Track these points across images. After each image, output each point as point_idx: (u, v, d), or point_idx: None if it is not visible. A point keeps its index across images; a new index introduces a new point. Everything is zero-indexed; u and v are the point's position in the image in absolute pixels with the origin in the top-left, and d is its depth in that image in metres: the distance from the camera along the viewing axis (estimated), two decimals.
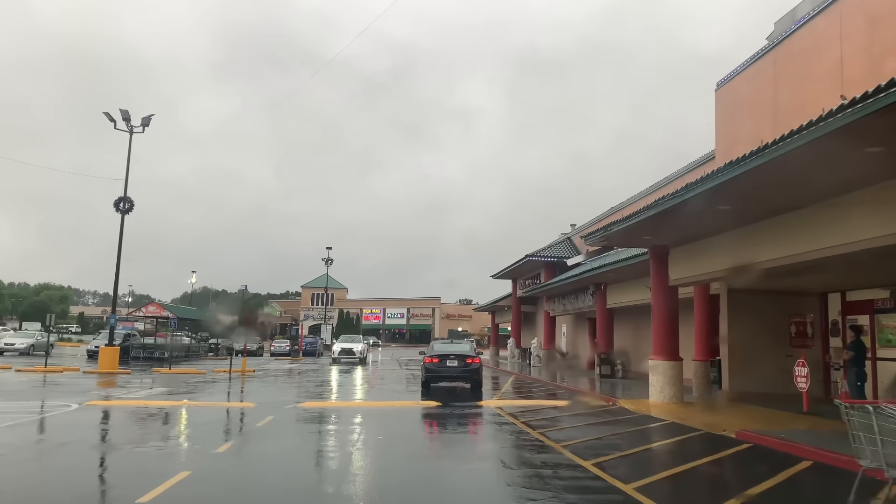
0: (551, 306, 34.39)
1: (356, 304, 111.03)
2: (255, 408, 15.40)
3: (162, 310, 43.24)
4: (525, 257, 35.18)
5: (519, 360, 42.78)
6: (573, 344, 35.44)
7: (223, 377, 25.73)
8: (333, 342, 47.66)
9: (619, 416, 14.08)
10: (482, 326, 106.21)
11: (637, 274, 22.21)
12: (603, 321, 26.81)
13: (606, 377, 25.66)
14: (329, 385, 22.83)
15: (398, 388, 21.79)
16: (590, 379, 25.62)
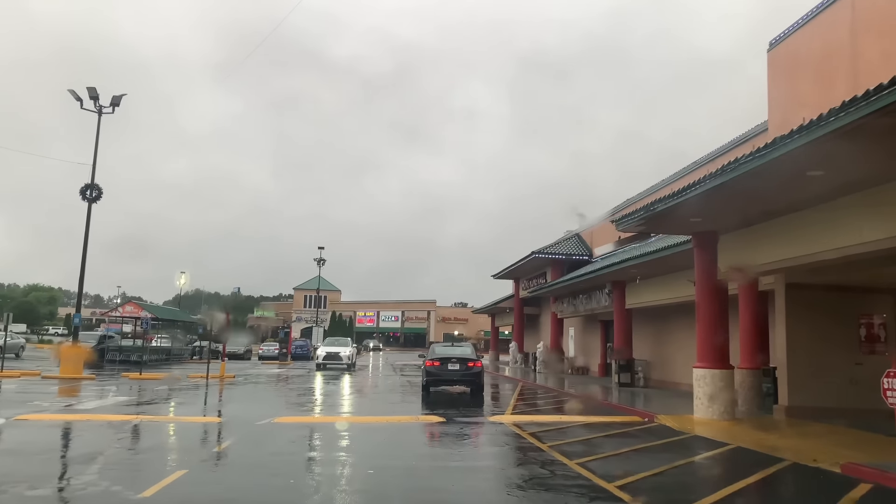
0: (559, 307, 31.71)
1: (350, 307, 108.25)
2: (220, 424, 12.66)
3: (140, 309, 40.37)
4: (531, 254, 32.52)
5: (521, 366, 40.08)
6: (582, 348, 32.75)
7: (198, 384, 22.98)
8: (318, 345, 43.77)
9: (666, 439, 11.37)
10: (479, 330, 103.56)
11: (665, 269, 19.56)
12: (621, 323, 24.13)
13: (626, 386, 22.96)
14: (313, 394, 20.08)
15: (393, 399, 19.05)
16: (606, 388, 22.94)
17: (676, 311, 22.50)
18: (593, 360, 31.24)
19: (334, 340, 38.65)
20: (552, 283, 29.88)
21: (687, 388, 21.19)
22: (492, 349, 53.20)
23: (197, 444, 10.58)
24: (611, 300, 24.80)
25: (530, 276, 38.76)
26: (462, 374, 19.13)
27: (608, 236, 30.69)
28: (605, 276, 23.47)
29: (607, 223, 30.82)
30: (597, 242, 32.43)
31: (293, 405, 16.60)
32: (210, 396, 18.63)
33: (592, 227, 33.07)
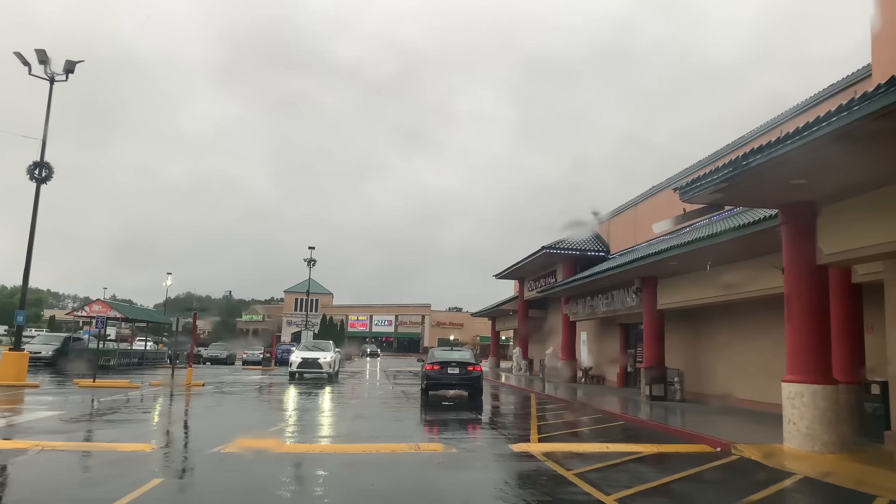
0: (572, 309, 28.32)
1: (342, 311, 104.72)
2: (152, 454, 9.20)
3: (108, 308, 36.79)
4: (541, 249, 29.16)
5: (526, 373, 36.64)
6: (597, 355, 29.36)
7: (158, 393, 19.56)
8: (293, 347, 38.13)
9: (770, 486, 7.97)
10: (474, 335, 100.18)
11: (716, 260, 16.22)
12: (652, 326, 20.76)
13: (659, 399, 19.60)
14: (288, 409, 16.61)
15: (385, 415, 15.62)
16: (636, 401, 19.59)
17: (718, 312, 19.21)
18: (610, 367, 27.85)
19: (312, 343, 31.82)
20: (567, 281, 26.51)
21: (737, 403, 17.95)
22: (492, 355, 49.74)
23: (107, 487, 7.13)
24: (638, 300, 21.44)
25: (537, 275, 35.39)
26: (461, 378, 19.51)
27: (627, 230, 27.34)
28: (631, 270, 20.10)
29: (627, 215, 27.49)
30: (615, 238, 29.08)
31: (259, 425, 13.13)
32: (164, 410, 15.18)
33: (609, 220, 29.74)
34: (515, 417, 16.33)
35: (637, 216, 26.34)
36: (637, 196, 26.29)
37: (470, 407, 18.01)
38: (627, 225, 27.25)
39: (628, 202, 27.30)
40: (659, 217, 24.03)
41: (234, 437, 10.62)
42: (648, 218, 24.93)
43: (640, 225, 25.92)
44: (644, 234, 25.02)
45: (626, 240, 27.24)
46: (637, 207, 26.45)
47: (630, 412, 16.48)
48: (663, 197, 24.06)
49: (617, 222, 28.92)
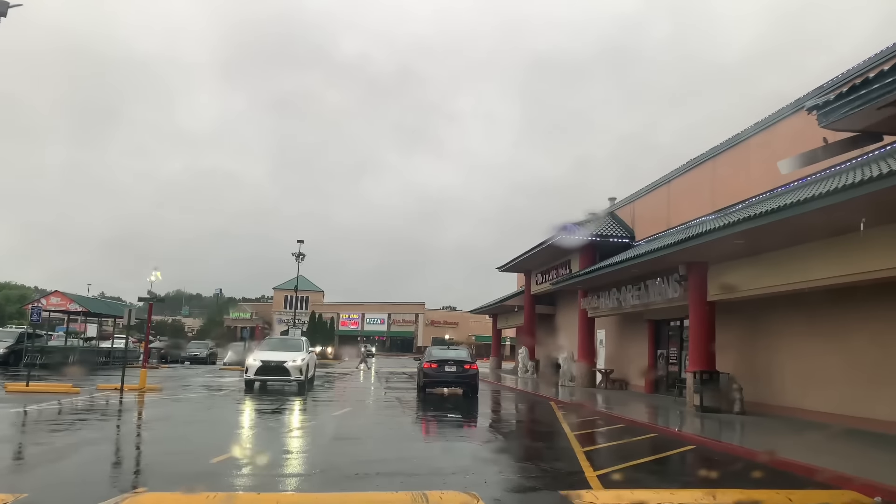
0: (592, 303, 24.69)
1: (333, 308, 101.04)
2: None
3: (68, 301, 32.93)
4: (556, 235, 25.48)
5: (533, 375, 33.02)
6: (619, 356, 25.76)
7: (96, 401, 15.83)
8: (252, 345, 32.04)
9: None
10: (469, 335, 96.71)
11: (803, 234, 12.65)
12: (702, 322, 17.17)
13: (712, 411, 16.00)
14: (245, 427, 12.87)
15: (375, 434, 11.90)
16: (683, 414, 16.03)
17: (785, 304, 15.67)
18: (635, 371, 24.25)
19: (279, 342, 23.88)
20: (589, 270, 22.79)
21: (812, 416, 14.38)
22: (493, 354, 46.04)
23: None
24: (682, 290, 17.85)
25: (546, 267, 31.75)
26: (457, 376, 19.92)
27: (658, 212, 23.73)
28: (676, 254, 16.48)
29: (658, 195, 23.86)
30: (641, 222, 25.45)
31: (198, 456, 9.36)
32: (82, 430, 11.45)
33: (633, 202, 26.12)
34: (546, 438, 12.68)
35: (671, 195, 22.73)
36: (671, 172, 22.68)
37: (480, 418, 14.45)
38: (658, 206, 23.63)
39: (659, 180, 23.69)
40: (701, 194, 20.45)
41: (150, 478, 6.90)
42: (687, 196, 21.37)
43: (675, 205, 22.32)
44: (681, 215, 21.41)
45: (656, 223, 23.60)
46: (671, 185, 22.83)
47: (694, 431, 12.85)
48: (706, 170, 20.47)
49: (644, 205, 25.29)
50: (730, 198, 18.43)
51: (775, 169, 17.01)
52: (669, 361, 22.07)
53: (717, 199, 19.35)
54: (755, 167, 17.66)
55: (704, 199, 20.12)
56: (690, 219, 20.39)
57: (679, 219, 21.44)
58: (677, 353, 21.57)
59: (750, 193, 17.46)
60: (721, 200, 18.96)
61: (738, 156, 18.63)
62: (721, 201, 18.93)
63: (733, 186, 18.61)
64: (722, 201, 18.87)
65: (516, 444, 11.56)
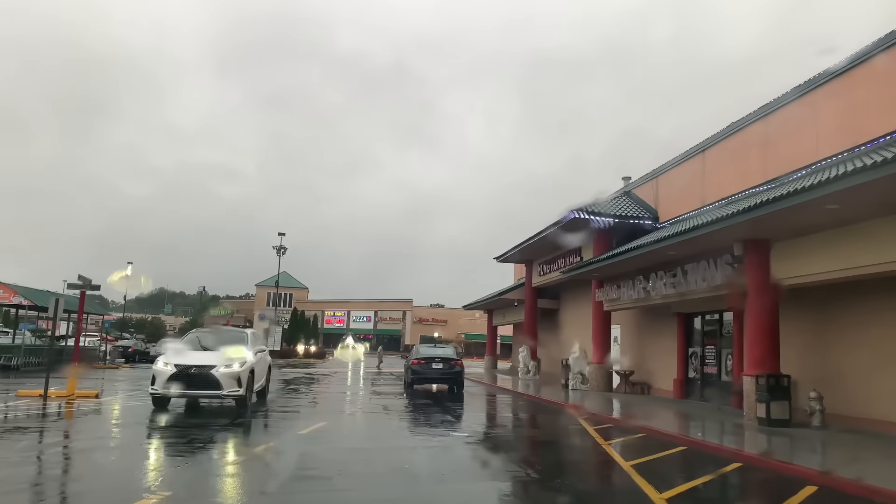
0: (610, 294, 21.32)
1: (317, 306, 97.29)
2: None
3: (12, 293, 29.09)
4: (569, 215, 22.02)
5: (535, 377, 29.68)
6: (640, 355, 22.43)
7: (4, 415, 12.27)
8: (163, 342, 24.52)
9: None
10: (459, 332, 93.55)
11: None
12: (762, 313, 13.84)
13: (781, 424, 12.69)
14: (149, 463, 9.29)
15: (353, 472, 8.40)
16: (743, 427, 12.70)
17: (872, 291, 12.41)
18: (661, 372, 20.95)
19: (209, 336, 15.62)
20: (614, 254, 19.18)
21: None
22: (488, 354, 42.57)
23: None
24: (737, 273, 14.51)
25: (551, 255, 28.37)
26: (444, 373, 20.59)
27: (688, 188, 20.39)
28: (733, 228, 13.12)
29: (689, 168, 20.53)
30: (666, 201, 22.08)
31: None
32: None
33: (656, 178, 22.72)
34: (600, 472, 9.24)
35: (708, 166, 19.38)
36: (706, 139, 19.32)
37: (495, 437, 11.05)
38: (690, 180, 20.29)
39: (691, 150, 20.32)
40: (748, 162, 17.13)
41: None
42: (730, 166, 18.04)
43: (713, 177, 18.97)
44: (721, 188, 18.07)
45: (686, 200, 20.24)
46: (707, 155, 19.49)
47: (784, 456, 9.44)
48: (754, 134, 17.14)
49: (670, 181, 21.92)
50: (789, 163, 15.12)
51: (853, 122, 13.78)
52: (705, 362, 18.77)
53: (770, 167, 16.02)
54: (826, 122, 14.37)
55: (753, 168, 16.80)
56: (735, 192, 17.06)
57: (718, 193, 18.10)
58: (715, 351, 18.27)
59: (819, 156, 14.17)
60: (776, 167, 15.64)
61: (799, 112, 15.30)
62: (776, 168, 15.61)
63: (793, 150, 15.29)
64: (777, 168, 15.55)
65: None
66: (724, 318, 17.92)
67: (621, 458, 9.41)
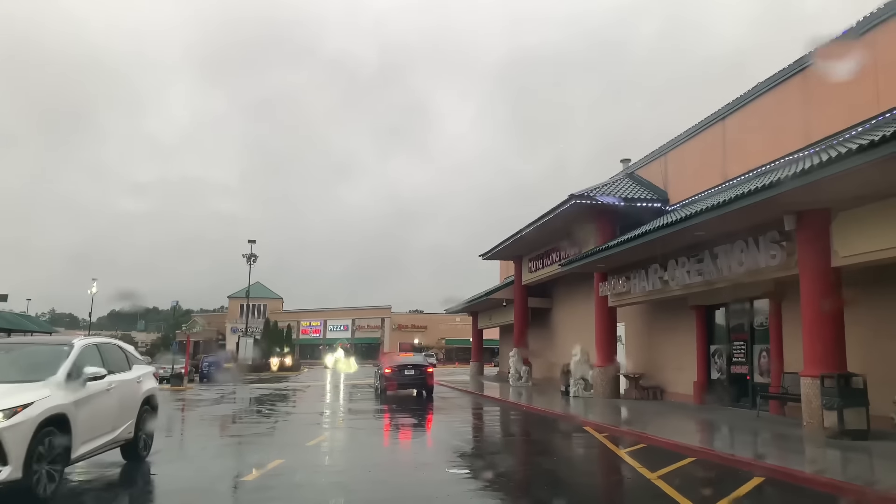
0: (618, 287, 18.66)
1: (293, 316, 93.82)
2: None
3: None
4: (569, 200, 19.31)
5: (528, 383, 27.00)
6: (646, 358, 19.83)
7: None
8: None
9: None
10: (439, 338, 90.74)
11: None
12: (823, 299, 11.20)
13: (860, 437, 10.07)
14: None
15: None
16: (820, 443, 10.06)
17: None
18: (676, 375, 18.35)
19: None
20: (629, 238, 16.21)
21: None
22: (474, 359, 39.69)
23: None
24: (784, 254, 11.93)
25: (544, 249, 25.71)
26: (414, 378, 22.30)
27: (705, 163, 17.85)
28: (781, 197, 10.50)
29: (705, 140, 18.01)
30: (677, 180, 19.49)
31: None
32: None
33: (665, 155, 20.14)
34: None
35: (728, 135, 16.84)
36: (726, 106, 16.78)
37: (511, 475, 8.28)
38: (707, 154, 17.75)
39: (707, 119, 17.79)
40: (782, 126, 14.59)
41: None
42: (757, 133, 15.51)
43: (737, 147, 16.42)
44: (747, 159, 15.51)
45: (702, 177, 17.65)
46: (726, 123, 16.94)
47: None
48: (789, 94, 14.60)
49: (682, 157, 19.36)
50: (839, 120, 12.62)
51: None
52: (732, 361, 16.17)
53: (814, 128, 13.50)
54: (890, 65, 11.89)
55: (790, 131, 14.28)
56: (767, 161, 14.51)
57: (745, 164, 15.52)
58: (745, 348, 15.68)
59: (881, 107, 11.69)
60: (822, 127, 13.13)
61: (852, 56, 12.77)
62: (822, 128, 13.10)
63: (842, 104, 12.81)
64: (824, 128, 13.04)
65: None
66: (756, 309, 15.36)
67: (673, 491, 6.68)
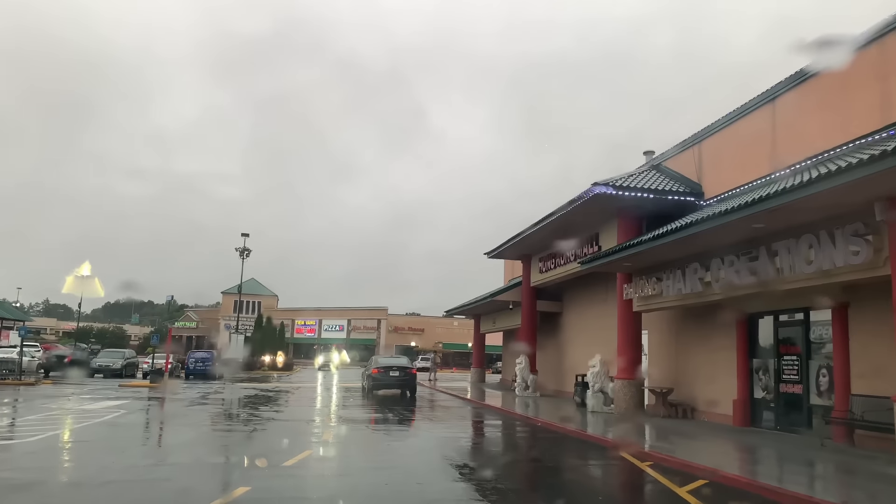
0: (646, 289, 16.55)
1: (287, 314, 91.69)
2: None
3: None
4: (591, 189, 17.15)
5: (534, 394, 24.92)
6: (675, 370, 17.72)
7: None
8: None
9: None
10: (436, 342, 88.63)
11: None
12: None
13: None
14: None
15: None
16: None
17: None
18: (707, 390, 16.25)
19: None
20: (674, 229, 14.05)
21: None
22: (475, 365, 37.53)
23: None
24: (871, 249, 9.85)
25: (557, 248, 23.57)
26: (399, 379, 23.62)
27: (752, 149, 15.75)
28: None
29: (752, 123, 15.91)
30: (714, 170, 17.38)
31: None
32: None
33: (700, 144, 18.04)
34: None
35: (779, 118, 14.73)
36: (776, 85, 14.69)
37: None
38: (750, 141, 15.64)
39: (749, 103, 15.71)
40: (857, 100, 12.54)
41: None
42: (814, 114, 13.45)
43: (789, 131, 14.32)
44: (801, 147, 13.41)
45: (747, 166, 15.48)
46: (776, 105, 14.83)
47: None
48: (869, 60, 12.50)
49: (719, 146, 17.25)
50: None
51: None
52: (781, 377, 14.05)
53: (892, 107, 11.44)
54: None
55: (859, 113, 12.22)
56: (830, 146, 12.45)
57: (800, 151, 13.38)
58: (799, 363, 13.58)
59: None
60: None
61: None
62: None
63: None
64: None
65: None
66: (811, 319, 13.28)
67: None
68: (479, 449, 13.07)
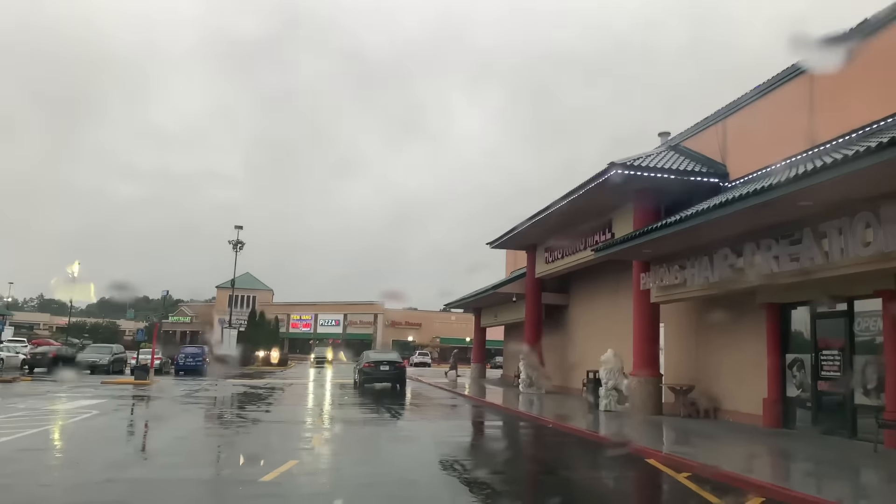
0: (667, 278, 15.19)
1: (283, 309, 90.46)
2: None
3: None
4: (609, 168, 15.76)
5: (539, 391, 23.60)
6: (695, 366, 16.39)
7: None
8: None
9: None
10: (434, 336, 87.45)
11: None
12: None
13: None
14: None
15: None
16: None
17: None
18: (733, 388, 14.93)
19: None
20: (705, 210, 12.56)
21: None
22: (475, 360, 36.18)
23: None
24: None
25: (565, 236, 22.19)
26: (389, 373, 24.75)
27: (784, 126, 14.38)
28: None
29: (783, 96, 14.52)
30: (739, 151, 16.00)
31: None
32: None
33: (723, 120, 16.65)
34: None
35: (817, 92, 13.37)
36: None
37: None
38: (784, 117, 14.28)
39: (779, 75, 14.34)
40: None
41: None
42: (858, 86, 12.09)
43: (828, 104, 12.96)
44: (843, 121, 12.05)
45: (778, 144, 14.13)
46: (815, 76, 13.46)
47: None
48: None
49: (745, 123, 15.86)
50: None
51: None
52: (820, 374, 12.72)
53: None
54: None
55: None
56: (876, 118, 11.10)
57: (844, 125, 12.05)
58: (840, 359, 12.24)
59: None
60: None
61: None
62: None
63: None
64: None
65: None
66: (855, 310, 11.93)
67: None
68: (491, 459, 11.74)
